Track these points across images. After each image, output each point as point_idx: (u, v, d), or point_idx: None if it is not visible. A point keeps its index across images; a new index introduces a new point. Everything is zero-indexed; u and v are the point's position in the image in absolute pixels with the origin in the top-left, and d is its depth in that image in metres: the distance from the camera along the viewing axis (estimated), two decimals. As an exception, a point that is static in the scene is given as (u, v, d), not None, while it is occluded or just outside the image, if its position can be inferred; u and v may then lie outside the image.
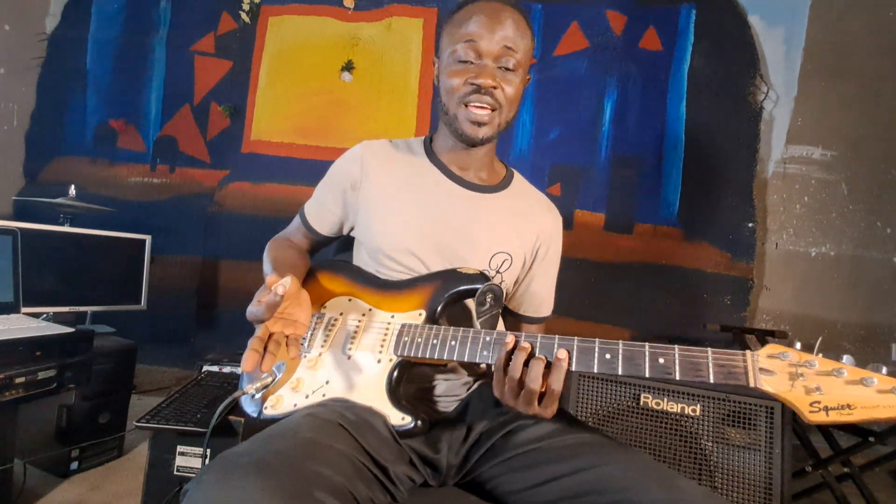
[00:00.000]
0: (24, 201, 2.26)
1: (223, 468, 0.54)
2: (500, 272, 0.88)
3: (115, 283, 1.83)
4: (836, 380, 0.52)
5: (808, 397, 0.53)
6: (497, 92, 0.82)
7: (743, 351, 0.57)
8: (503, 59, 0.81)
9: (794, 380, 0.54)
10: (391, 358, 0.76)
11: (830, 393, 0.52)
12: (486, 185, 0.92)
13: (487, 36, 0.80)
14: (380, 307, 0.83)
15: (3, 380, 1.10)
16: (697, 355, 0.59)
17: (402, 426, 0.72)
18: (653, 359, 0.60)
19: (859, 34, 2.21)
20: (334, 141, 2.43)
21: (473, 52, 0.81)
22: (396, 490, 0.68)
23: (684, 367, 0.59)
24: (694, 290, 2.21)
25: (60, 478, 1.50)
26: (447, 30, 0.86)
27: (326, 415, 0.69)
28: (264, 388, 0.78)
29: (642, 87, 2.31)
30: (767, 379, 0.55)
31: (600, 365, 0.63)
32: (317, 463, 0.57)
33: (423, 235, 0.86)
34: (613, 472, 0.64)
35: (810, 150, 2.24)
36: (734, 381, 0.56)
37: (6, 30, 2.56)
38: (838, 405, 0.51)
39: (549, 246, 0.96)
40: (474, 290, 0.77)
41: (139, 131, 2.53)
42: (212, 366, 1.52)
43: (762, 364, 0.55)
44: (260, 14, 2.49)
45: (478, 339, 0.71)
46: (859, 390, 0.51)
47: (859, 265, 2.18)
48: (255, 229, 2.41)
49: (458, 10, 0.85)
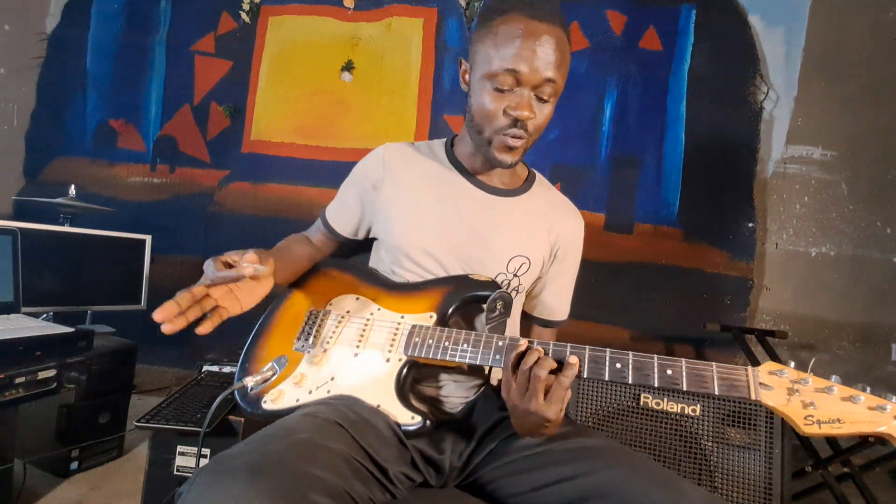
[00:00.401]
0: (24, 201, 2.26)
1: (216, 470, 0.54)
2: (518, 275, 0.88)
3: (115, 283, 1.82)
4: (828, 396, 0.59)
5: (803, 411, 0.59)
6: (531, 122, 0.78)
7: (745, 367, 0.63)
8: (542, 88, 0.77)
9: (790, 395, 0.60)
10: (401, 357, 0.76)
11: (823, 408, 0.58)
12: (507, 188, 0.91)
13: (530, 66, 0.74)
14: (389, 307, 0.83)
15: (3, 380, 1.10)
16: (703, 369, 0.63)
17: (410, 426, 0.71)
18: (661, 370, 0.64)
19: (859, 34, 2.21)
20: (334, 141, 2.43)
21: (513, 78, 0.75)
22: (395, 489, 0.68)
23: (691, 379, 0.63)
24: (694, 290, 2.20)
25: (60, 478, 1.50)
26: (486, 37, 0.78)
27: (326, 414, 0.68)
28: (264, 381, 0.77)
29: (642, 87, 2.31)
30: (767, 393, 0.61)
31: (611, 374, 0.65)
32: (311, 464, 0.57)
33: (442, 237, 0.85)
34: (615, 478, 0.64)
35: (810, 150, 2.24)
36: (737, 393, 0.62)
37: (6, 30, 2.56)
38: (829, 419, 0.58)
39: (567, 249, 0.95)
40: (485, 296, 0.77)
41: (139, 131, 2.53)
42: (212, 366, 1.52)
43: (762, 379, 0.62)
44: (260, 14, 2.49)
45: (490, 343, 0.72)
46: (848, 407, 0.58)
47: (859, 265, 2.18)
48: (255, 229, 2.41)
49: (501, 16, 0.76)
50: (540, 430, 0.68)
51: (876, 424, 0.56)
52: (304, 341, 0.83)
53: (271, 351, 0.86)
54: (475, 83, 0.81)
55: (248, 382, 0.76)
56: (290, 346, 0.84)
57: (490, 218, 0.87)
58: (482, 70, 0.78)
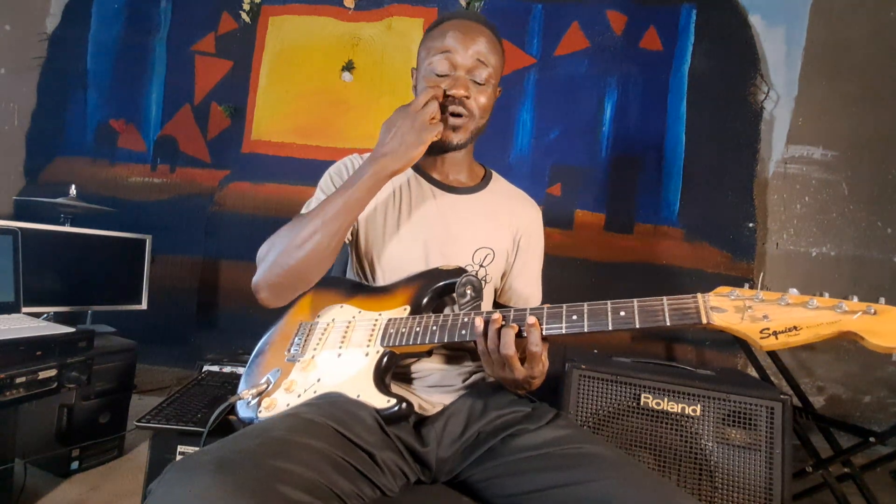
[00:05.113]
0: (24, 201, 2.26)
1: (184, 466, 0.54)
2: (484, 266, 0.94)
3: (116, 283, 1.82)
4: (780, 307, 0.57)
5: (756, 325, 0.57)
6: (469, 102, 0.88)
7: (695, 294, 0.63)
8: (476, 71, 0.88)
9: (742, 312, 0.58)
10: (378, 350, 0.80)
11: (776, 319, 0.56)
12: (464, 186, 0.99)
13: (462, 50, 0.87)
14: (368, 309, 0.88)
15: (3, 379, 1.10)
16: (653, 303, 0.65)
17: (386, 409, 0.73)
18: (614, 312, 0.66)
19: (860, 34, 2.21)
20: (334, 141, 2.43)
21: (448, 63, 0.87)
22: (385, 480, 0.68)
23: (643, 315, 0.64)
24: (694, 290, 2.18)
25: (61, 477, 1.50)
26: (425, 44, 0.92)
27: (308, 413, 0.69)
28: (259, 393, 0.81)
29: (643, 87, 2.31)
30: (719, 315, 0.60)
31: (568, 326, 0.68)
32: (283, 460, 0.57)
33: (408, 240, 0.91)
34: (609, 489, 0.63)
35: (811, 150, 2.24)
36: (689, 321, 0.61)
37: (7, 30, 2.56)
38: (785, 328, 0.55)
39: (528, 235, 1.01)
40: (453, 283, 0.83)
41: (140, 131, 2.53)
42: (212, 365, 1.52)
43: (712, 303, 0.61)
44: (260, 14, 2.49)
45: (456, 321, 0.76)
46: (802, 312, 0.56)
47: (860, 265, 2.18)
48: (255, 229, 2.41)
49: (435, 26, 0.92)
50: (530, 386, 0.75)
51: (834, 325, 0.54)
52: (295, 351, 0.87)
53: (268, 366, 0.89)
54: (419, 80, 0.93)
55: (246, 395, 0.81)
56: (283, 359, 0.88)
57: (451, 214, 0.94)
58: (423, 64, 0.91)
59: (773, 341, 0.56)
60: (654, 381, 1.28)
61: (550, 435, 0.74)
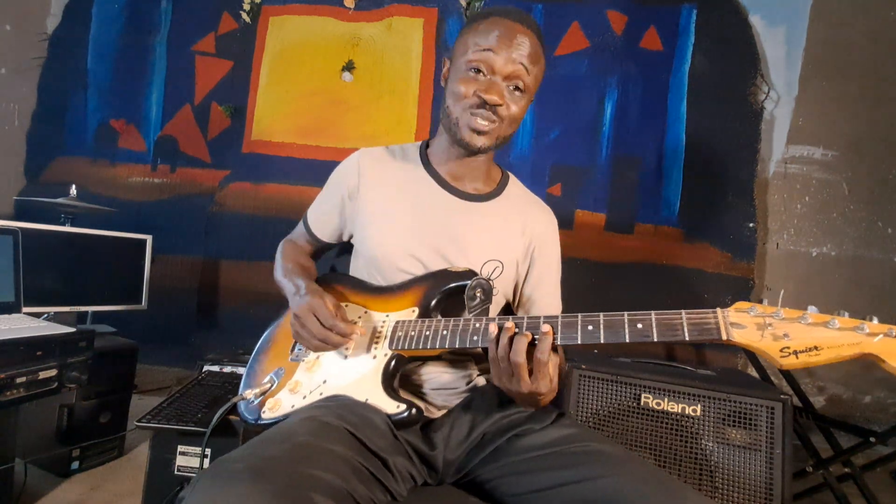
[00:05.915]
0: (24, 201, 2.26)
1: (217, 474, 0.54)
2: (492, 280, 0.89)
3: (116, 283, 1.82)
4: (801, 325, 0.56)
5: (777, 343, 0.56)
6: (502, 109, 0.82)
7: (714, 309, 0.60)
8: (514, 78, 0.82)
9: (762, 330, 0.57)
10: (386, 353, 0.78)
11: (797, 338, 0.55)
12: (479, 193, 0.94)
13: (504, 53, 0.80)
14: (375, 309, 0.85)
15: (3, 380, 1.10)
16: (672, 317, 0.62)
17: (396, 414, 0.73)
18: (632, 325, 0.63)
19: (860, 34, 2.21)
20: (334, 141, 2.43)
21: (487, 65, 0.81)
22: (397, 485, 0.68)
23: (661, 329, 0.62)
24: (694, 290, 2.20)
25: (61, 477, 1.50)
26: (466, 36, 0.85)
27: (325, 417, 0.69)
28: (263, 393, 0.80)
29: (643, 87, 2.31)
30: (739, 332, 0.58)
31: (584, 336, 0.65)
32: (312, 466, 0.57)
33: (416, 246, 0.88)
34: (618, 485, 0.64)
35: (811, 150, 2.24)
36: (708, 336, 0.59)
37: (7, 30, 2.56)
38: (805, 348, 0.54)
39: (542, 244, 0.96)
40: (464, 286, 0.80)
41: (140, 131, 2.53)
42: (212, 365, 1.52)
43: (732, 319, 0.59)
44: (260, 14, 2.49)
45: (468, 326, 0.74)
46: (823, 332, 0.55)
47: (860, 265, 2.18)
48: (255, 229, 2.41)
49: (482, 19, 0.84)
50: (537, 403, 0.72)
51: (855, 346, 0.53)
52: (299, 350, 0.86)
53: (270, 365, 0.88)
54: (453, 73, 0.86)
55: (249, 395, 0.80)
56: (287, 358, 0.87)
57: (461, 224, 0.90)
58: (461, 59, 0.84)
59: (794, 360, 0.54)
60: (655, 381, 1.28)
61: (556, 434, 0.74)
